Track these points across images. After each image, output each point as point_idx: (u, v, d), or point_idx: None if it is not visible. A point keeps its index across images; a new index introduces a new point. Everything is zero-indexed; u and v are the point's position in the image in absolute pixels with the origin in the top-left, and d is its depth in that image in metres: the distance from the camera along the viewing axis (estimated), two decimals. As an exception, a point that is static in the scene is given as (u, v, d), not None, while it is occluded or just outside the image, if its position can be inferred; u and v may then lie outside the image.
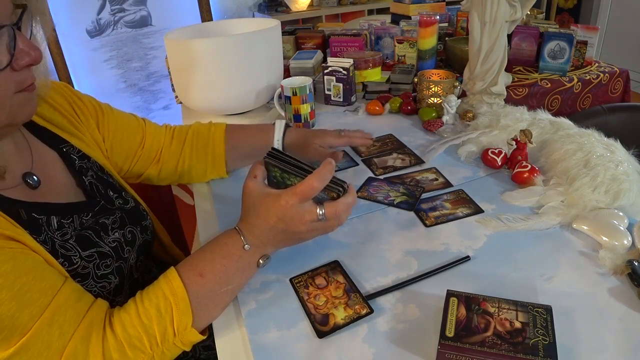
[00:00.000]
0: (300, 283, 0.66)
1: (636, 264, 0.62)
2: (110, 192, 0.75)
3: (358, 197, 0.85)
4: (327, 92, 1.29)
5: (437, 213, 0.79)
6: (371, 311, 0.60)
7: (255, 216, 0.61)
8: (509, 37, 1.06)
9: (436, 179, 0.89)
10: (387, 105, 1.23)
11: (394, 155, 1.00)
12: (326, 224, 0.62)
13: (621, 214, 0.72)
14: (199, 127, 0.95)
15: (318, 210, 0.60)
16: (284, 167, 0.61)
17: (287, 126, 0.95)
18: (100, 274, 0.65)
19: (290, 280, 0.67)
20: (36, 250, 0.58)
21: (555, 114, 1.00)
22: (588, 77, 1.48)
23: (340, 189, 0.62)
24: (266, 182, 0.65)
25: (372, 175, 0.93)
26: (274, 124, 0.95)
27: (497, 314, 0.53)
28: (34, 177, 0.65)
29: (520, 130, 0.88)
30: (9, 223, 0.57)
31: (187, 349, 0.60)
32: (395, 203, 0.83)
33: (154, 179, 0.92)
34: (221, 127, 0.95)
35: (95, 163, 0.76)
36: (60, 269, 0.60)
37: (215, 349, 0.83)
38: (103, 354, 0.54)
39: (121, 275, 0.68)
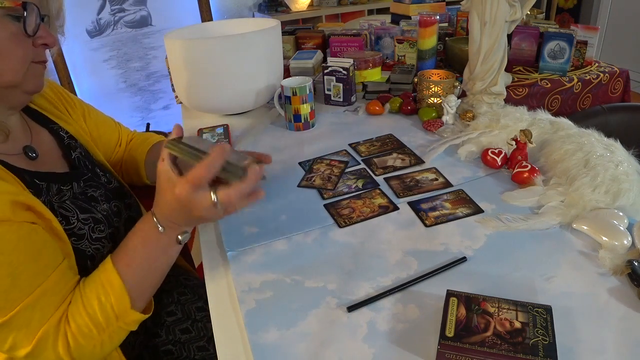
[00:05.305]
0: None
1: (636, 264, 0.62)
2: (97, 170, 0.82)
3: (327, 198, 0.85)
4: (327, 92, 1.29)
5: (437, 213, 0.79)
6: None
7: (163, 200, 0.64)
8: (509, 37, 1.06)
9: (436, 179, 0.89)
10: (387, 105, 1.23)
11: (394, 155, 1.00)
12: (225, 209, 0.63)
13: (621, 214, 0.72)
14: (141, 136, 1.04)
15: (212, 198, 0.60)
16: (184, 151, 0.62)
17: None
18: (94, 236, 0.71)
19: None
20: (43, 214, 0.62)
21: (555, 114, 1.00)
22: (588, 77, 1.48)
23: (240, 172, 0.61)
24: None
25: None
26: None
27: (497, 314, 0.53)
28: (33, 149, 0.72)
29: (520, 130, 0.88)
30: (20, 187, 0.63)
31: (133, 329, 0.65)
32: (361, 187, 0.88)
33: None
34: (154, 140, 1.02)
35: (82, 145, 0.82)
36: (60, 231, 0.64)
37: (210, 350, 0.83)
38: (67, 341, 0.60)
39: (114, 242, 0.72)
